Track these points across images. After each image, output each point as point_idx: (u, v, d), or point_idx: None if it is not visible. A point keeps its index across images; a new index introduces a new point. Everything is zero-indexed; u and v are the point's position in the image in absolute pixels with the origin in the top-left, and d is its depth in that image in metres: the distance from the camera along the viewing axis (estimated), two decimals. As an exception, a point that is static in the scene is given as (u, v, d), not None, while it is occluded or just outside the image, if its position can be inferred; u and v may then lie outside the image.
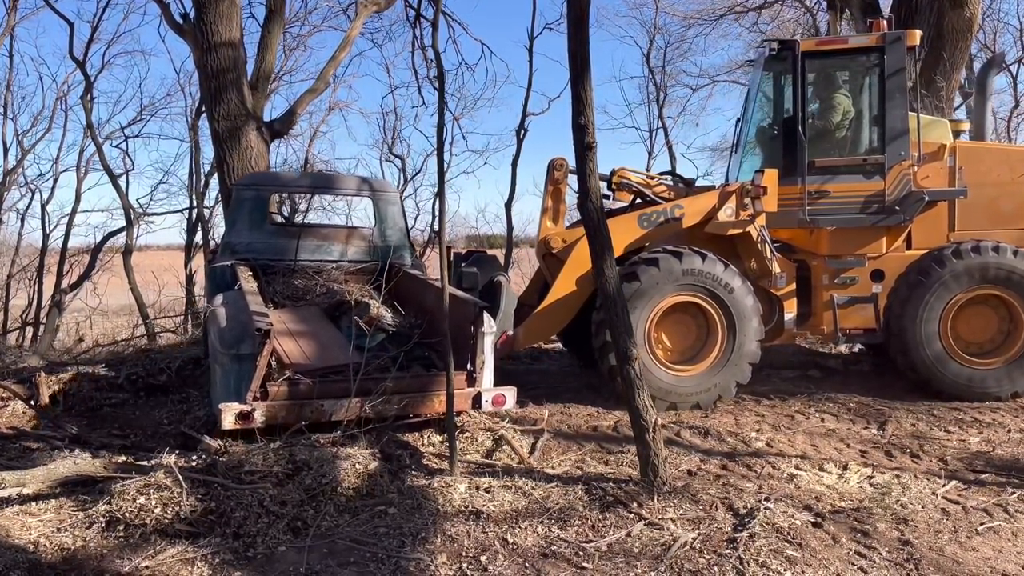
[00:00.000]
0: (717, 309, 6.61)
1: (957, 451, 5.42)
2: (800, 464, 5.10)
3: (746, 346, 6.60)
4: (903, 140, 6.96)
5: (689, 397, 6.57)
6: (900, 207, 6.94)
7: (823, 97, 7.40)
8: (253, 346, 4.74)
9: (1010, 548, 3.88)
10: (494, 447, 5.33)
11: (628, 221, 7.00)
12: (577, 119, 4.30)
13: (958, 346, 6.76)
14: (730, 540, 3.86)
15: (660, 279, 6.51)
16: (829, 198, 7.08)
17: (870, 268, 7.13)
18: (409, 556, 3.64)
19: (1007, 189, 7.11)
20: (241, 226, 6.92)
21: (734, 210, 6.91)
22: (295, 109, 11.27)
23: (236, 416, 4.49)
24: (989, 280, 6.67)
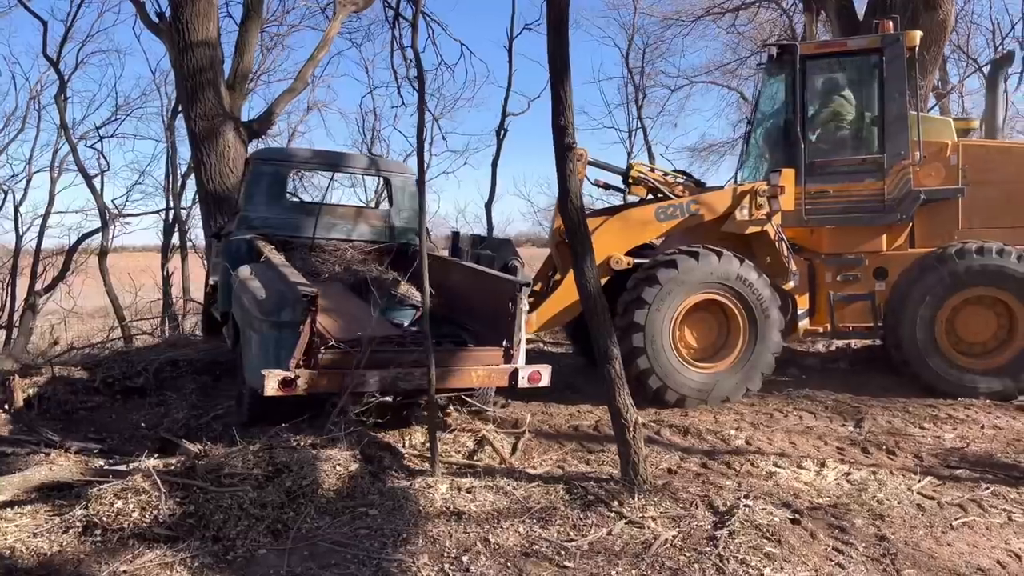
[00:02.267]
0: (738, 305, 6.73)
1: (932, 447, 5.50)
2: (779, 461, 5.15)
3: (769, 338, 6.75)
4: (902, 140, 7.05)
5: (717, 392, 6.69)
6: (898, 206, 7.06)
7: (824, 99, 7.51)
8: (293, 313, 4.74)
9: (984, 542, 3.94)
10: (476, 448, 5.35)
11: (646, 213, 7.11)
12: (557, 120, 4.32)
13: (955, 345, 6.86)
14: (710, 538, 3.89)
15: (681, 280, 6.59)
16: (829, 198, 7.20)
17: (872, 266, 7.24)
18: (391, 557, 3.63)
19: (1012, 187, 7.15)
20: (259, 201, 6.91)
21: (749, 209, 7.00)
22: (273, 109, 11.24)
23: (279, 383, 4.45)
24: (988, 281, 6.73)
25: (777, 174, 6.98)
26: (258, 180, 7.01)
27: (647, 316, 6.52)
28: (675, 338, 6.67)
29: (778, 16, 18.73)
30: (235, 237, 6.72)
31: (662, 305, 6.54)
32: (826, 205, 7.20)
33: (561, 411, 6.54)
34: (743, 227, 7.03)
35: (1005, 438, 5.72)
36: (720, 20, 18.57)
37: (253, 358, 5.05)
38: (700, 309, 6.81)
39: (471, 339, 5.59)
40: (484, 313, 5.56)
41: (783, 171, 7.00)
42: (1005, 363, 6.79)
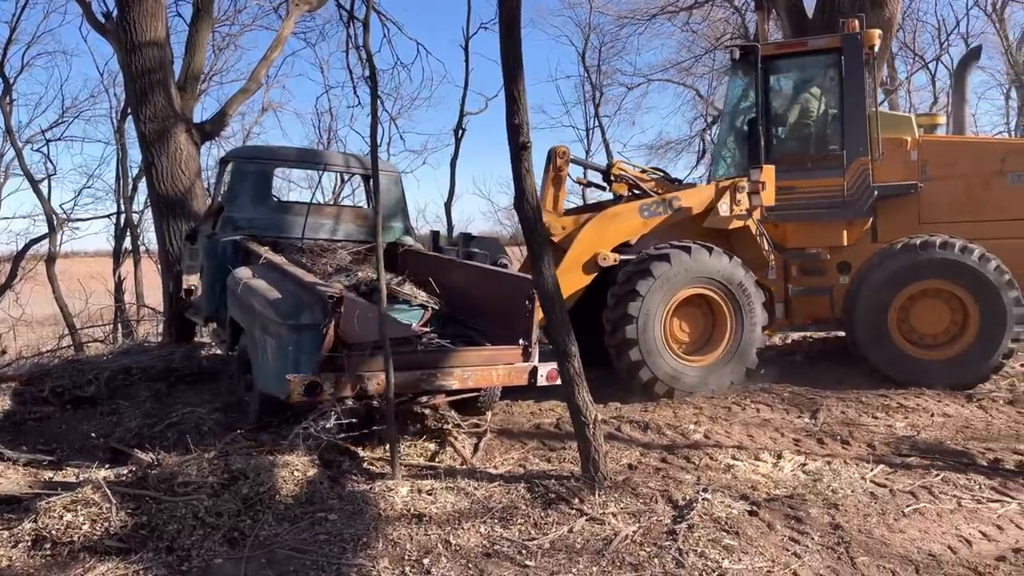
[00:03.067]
0: (725, 299, 6.88)
1: (884, 436, 5.62)
2: (737, 454, 5.21)
3: (753, 332, 6.92)
4: (862, 136, 7.21)
5: (704, 384, 6.83)
6: (856, 202, 7.22)
7: (785, 97, 7.72)
8: (313, 316, 4.67)
9: (935, 528, 4.04)
10: (437, 449, 5.32)
11: (630, 210, 7.22)
12: (511, 119, 4.31)
13: (909, 336, 7.00)
14: (670, 532, 3.92)
15: (674, 274, 6.69)
16: (794, 193, 7.35)
17: (835, 260, 7.42)
18: (351, 562, 3.59)
19: (972, 181, 7.31)
20: (243, 200, 6.73)
21: (730, 205, 7.16)
22: (226, 110, 11.06)
23: (305, 388, 4.34)
24: (942, 275, 6.84)
25: (758, 170, 7.13)
26: (242, 179, 6.84)
27: (640, 308, 6.62)
28: (666, 331, 6.80)
29: (731, 14, 19.03)
30: (223, 238, 6.57)
31: (655, 298, 6.66)
32: (789, 201, 7.34)
33: (523, 409, 6.54)
34: (725, 222, 7.19)
35: (954, 425, 5.87)
36: (674, 18, 18.80)
37: (268, 363, 4.91)
38: (688, 303, 6.94)
39: (480, 339, 5.58)
40: (494, 312, 5.55)
41: (763, 167, 7.15)
42: (954, 356, 6.92)
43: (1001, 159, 7.28)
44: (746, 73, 7.76)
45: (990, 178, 7.29)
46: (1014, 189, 7.23)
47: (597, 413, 4.55)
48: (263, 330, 5.02)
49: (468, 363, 4.94)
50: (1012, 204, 7.24)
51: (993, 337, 6.75)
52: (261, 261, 5.92)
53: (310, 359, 4.55)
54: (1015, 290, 6.70)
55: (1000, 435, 5.63)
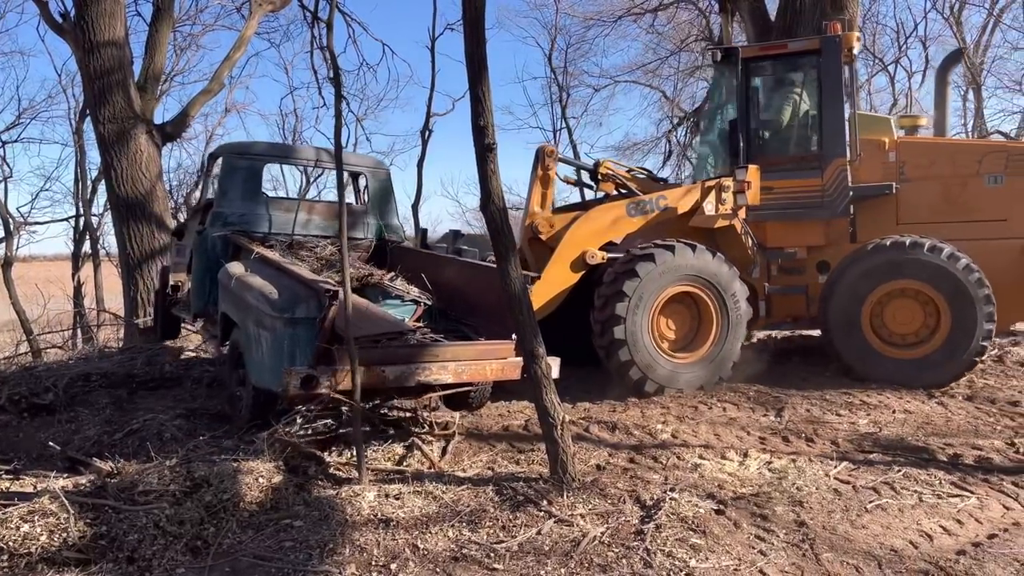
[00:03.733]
0: (711, 297, 6.97)
1: (848, 433, 5.70)
2: (704, 453, 5.25)
3: (739, 329, 7.04)
4: (839, 137, 7.30)
5: (693, 381, 6.94)
6: (833, 202, 7.32)
7: (766, 99, 7.82)
8: (309, 309, 4.72)
9: (897, 524, 4.10)
10: (405, 453, 5.27)
11: (617, 209, 7.30)
12: (476, 120, 4.29)
13: (882, 335, 7.06)
14: (637, 532, 3.93)
15: (659, 273, 6.78)
16: (772, 193, 7.43)
17: (814, 260, 7.53)
18: (316, 569, 3.55)
19: (950, 182, 7.37)
20: (233, 196, 6.67)
21: (715, 204, 7.26)
22: (188, 111, 10.90)
23: (302, 381, 4.35)
24: (913, 275, 6.87)
25: (743, 169, 7.21)
26: (232, 175, 6.75)
27: (627, 308, 6.68)
28: (653, 330, 6.87)
29: (695, 17, 19.18)
30: (212, 234, 6.54)
31: (641, 298, 6.73)
32: (768, 200, 7.43)
33: (492, 412, 6.52)
34: (711, 221, 7.28)
35: (915, 422, 5.97)
36: (640, 20, 18.91)
37: (263, 357, 4.92)
38: (675, 301, 7.02)
39: (473, 334, 5.62)
40: (487, 308, 5.56)
41: (749, 167, 7.23)
42: (925, 355, 6.94)
43: (978, 160, 7.34)
44: (727, 74, 7.85)
45: (967, 179, 7.34)
46: (991, 190, 7.29)
47: (565, 415, 4.55)
48: (258, 324, 5.00)
49: (462, 357, 4.97)
50: (988, 205, 7.29)
51: (964, 336, 6.77)
52: (253, 256, 5.91)
53: (305, 353, 4.56)
54: (985, 288, 6.73)
55: (959, 431, 5.74)
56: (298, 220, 6.89)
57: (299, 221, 6.89)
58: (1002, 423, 5.91)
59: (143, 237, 9.46)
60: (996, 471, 4.84)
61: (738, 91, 7.58)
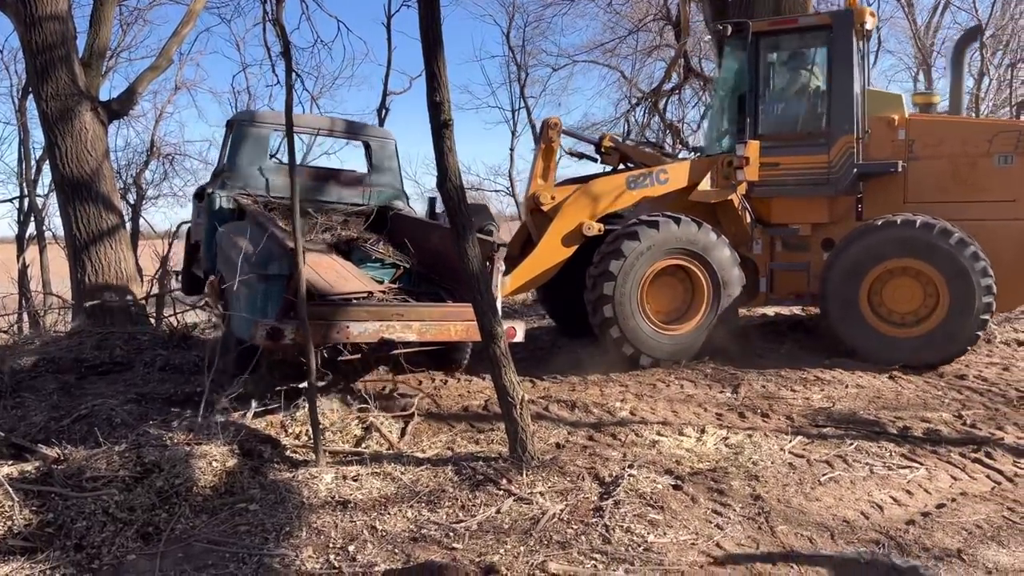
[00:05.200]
0: (700, 269, 7.03)
1: (802, 408, 5.79)
2: (661, 430, 5.29)
3: (730, 300, 7.08)
4: (847, 114, 7.20)
5: (687, 352, 7.07)
6: (840, 179, 7.25)
7: (774, 74, 7.71)
8: (280, 267, 5.10)
9: (849, 496, 4.18)
10: (363, 435, 5.22)
11: (617, 182, 7.36)
12: (432, 97, 4.22)
13: (881, 314, 6.99)
14: (596, 508, 3.95)
15: (644, 249, 6.87)
16: (779, 169, 7.39)
17: (819, 237, 7.49)
18: (273, 552, 3.49)
19: (959, 161, 7.21)
20: (241, 162, 6.98)
21: (716, 180, 7.28)
22: (135, 88, 10.57)
23: (267, 332, 4.68)
24: (910, 254, 6.79)
25: (743, 146, 7.20)
26: (240, 141, 7.06)
27: (615, 288, 6.81)
28: (643, 305, 6.97)
29: (654, -5, 19.14)
30: (218, 196, 6.83)
31: (628, 276, 6.86)
32: (774, 177, 7.39)
33: (451, 392, 6.49)
34: (709, 196, 7.33)
35: (867, 396, 6.10)
36: (598, -1, 18.83)
37: (240, 310, 5.32)
38: (666, 274, 7.10)
39: (448, 297, 5.93)
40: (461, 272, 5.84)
41: (748, 143, 7.22)
42: (922, 334, 6.85)
43: (988, 140, 7.21)
44: (737, 50, 7.76)
45: (977, 159, 7.18)
46: (1000, 171, 7.15)
47: (524, 394, 4.54)
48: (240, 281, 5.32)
49: (427, 318, 5.23)
50: (997, 186, 7.13)
51: (963, 314, 6.69)
52: (246, 217, 6.23)
53: (276, 307, 4.92)
54: (981, 262, 6.65)
55: (909, 404, 5.88)
56: (303, 186, 7.07)
57: (304, 187, 7.07)
58: (950, 396, 6.06)
59: (90, 218, 9.16)
60: (944, 443, 4.97)
61: (747, 66, 7.49)
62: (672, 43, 16.82)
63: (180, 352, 7.66)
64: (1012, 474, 4.45)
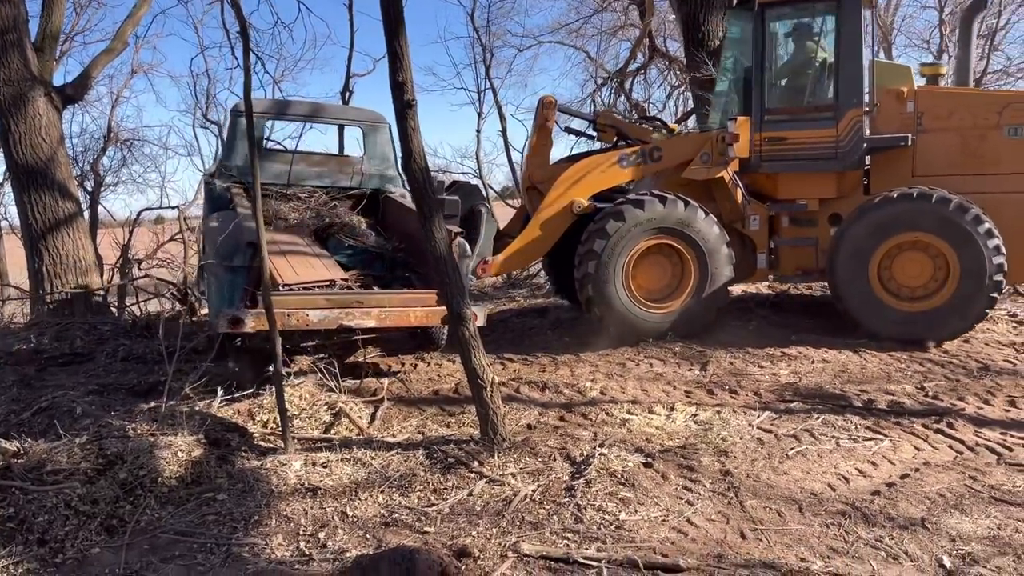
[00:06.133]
0: (687, 247, 7.04)
1: (769, 384, 5.85)
2: (632, 409, 5.32)
3: (718, 278, 7.09)
4: (856, 87, 7.06)
5: (675, 330, 7.08)
6: (848, 153, 7.10)
7: (782, 46, 7.56)
8: (244, 258, 5.24)
9: (816, 469, 4.24)
10: (332, 421, 5.17)
11: (608, 159, 7.34)
12: (395, 77, 4.15)
13: (891, 289, 6.89)
14: (568, 488, 3.96)
15: (629, 228, 6.90)
16: (786, 144, 7.25)
17: (827, 212, 7.37)
18: (242, 541, 3.45)
19: (968, 134, 7.08)
20: (237, 151, 7.09)
21: (710, 156, 7.22)
22: (89, 72, 10.29)
23: (228, 321, 4.86)
24: (921, 227, 6.70)
25: (733, 122, 7.15)
26: (236, 131, 7.18)
27: (599, 266, 6.91)
28: (629, 283, 7.02)
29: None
30: (214, 184, 6.98)
31: (613, 255, 6.91)
32: (781, 152, 7.27)
33: (422, 376, 6.46)
34: (700, 174, 7.29)
35: (832, 371, 6.18)
36: (562, -22, 18.70)
37: (212, 299, 5.52)
38: (655, 253, 7.12)
39: (420, 282, 6.00)
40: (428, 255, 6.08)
41: (738, 119, 7.16)
42: (932, 309, 6.78)
43: (998, 111, 7.10)
44: (743, 21, 7.65)
45: (987, 131, 7.05)
46: (1010, 142, 7.02)
47: (494, 376, 4.53)
48: (209, 269, 5.57)
49: (386, 304, 5.35)
50: (1008, 157, 7.01)
51: (973, 288, 6.62)
52: (231, 206, 6.30)
53: (240, 297, 5.10)
54: (994, 238, 6.62)
55: (873, 377, 5.97)
56: (296, 172, 7.23)
57: (297, 172, 7.23)
58: (912, 368, 6.17)
59: (46, 206, 8.92)
60: (907, 414, 5.06)
61: (753, 38, 7.32)
62: (637, 23, 16.78)
63: (143, 342, 7.52)
64: (973, 443, 4.55)
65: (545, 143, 7.95)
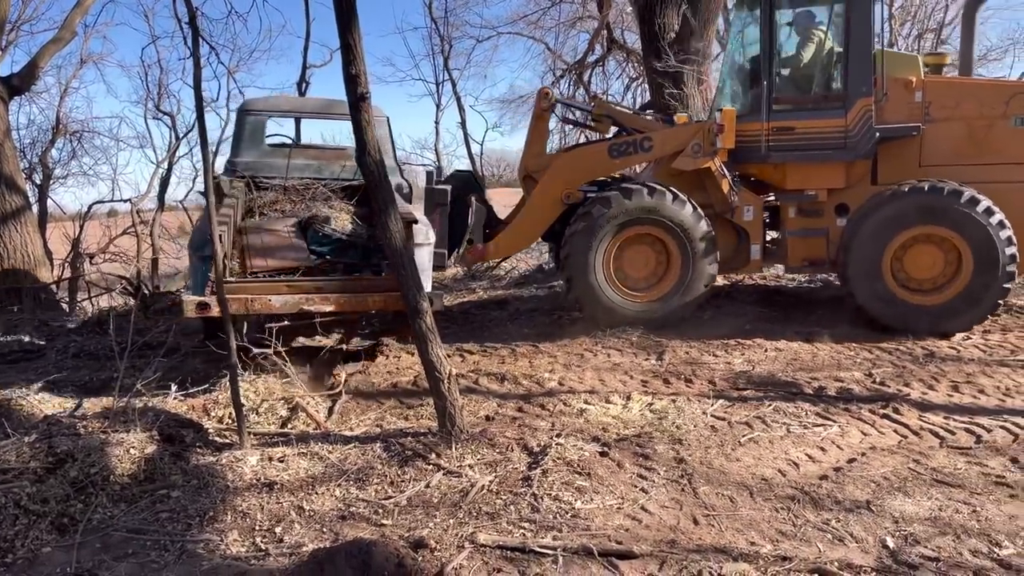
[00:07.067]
0: (671, 237, 7.14)
1: (724, 372, 5.96)
2: (589, 399, 5.38)
3: (701, 269, 7.19)
4: (865, 76, 7.00)
5: (658, 318, 7.20)
6: (858, 143, 7.05)
7: (791, 35, 7.51)
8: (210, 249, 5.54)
9: (767, 455, 4.34)
10: (289, 415, 5.14)
11: (599, 150, 7.46)
12: (348, 69, 4.13)
13: (903, 281, 6.93)
14: (525, 478, 4.00)
15: (613, 216, 7.05)
16: (794, 134, 7.20)
17: (833, 202, 7.33)
18: (196, 538, 3.42)
19: (976, 124, 7.11)
20: (242, 147, 7.52)
21: (701, 146, 7.26)
22: (36, 62, 10.05)
23: (195, 306, 5.12)
24: (940, 220, 6.73)
25: (720, 112, 7.19)
26: (240, 128, 7.61)
27: (579, 254, 7.07)
28: (609, 272, 7.17)
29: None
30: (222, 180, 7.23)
31: (597, 242, 7.06)
32: (789, 141, 7.21)
33: (380, 369, 6.45)
34: (686, 164, 7.35)
35: (785, 359, 6.31)
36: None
37: (191, 286, 5.90)
38: (640, 243, 7.22)
39: (387, 269, 6.15)
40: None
41: (724, 110, 7.20)
42: (944, 302, 6.85)
43: (1006, 101, 7.09)
44: (751, 8, 7.60)
45: (994, 120, 7.08)
46: (1017, 132, 7.06)
47: (452, 368, 4.54)
48: (189, 259, 5.97)
49: (346, 290, 5.61)
50: (1014, 148, 7.06)
51: (986, 281, 6.70)
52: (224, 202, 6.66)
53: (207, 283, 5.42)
54: (1006, 230, 6.65)
55: (824, 365, 6.12)
56: (296, 165, 7.43)
57: (297, 166, 7.44)
58: (861, 356, 6.33)
59: None
60: (856, 400, 5.20)
61: (761, 26, 7.25)
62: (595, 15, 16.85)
63: (95, 338, 7.38)
64: (917, 428, 4.70)
65: (542, 133, 8.02)
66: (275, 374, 5.55)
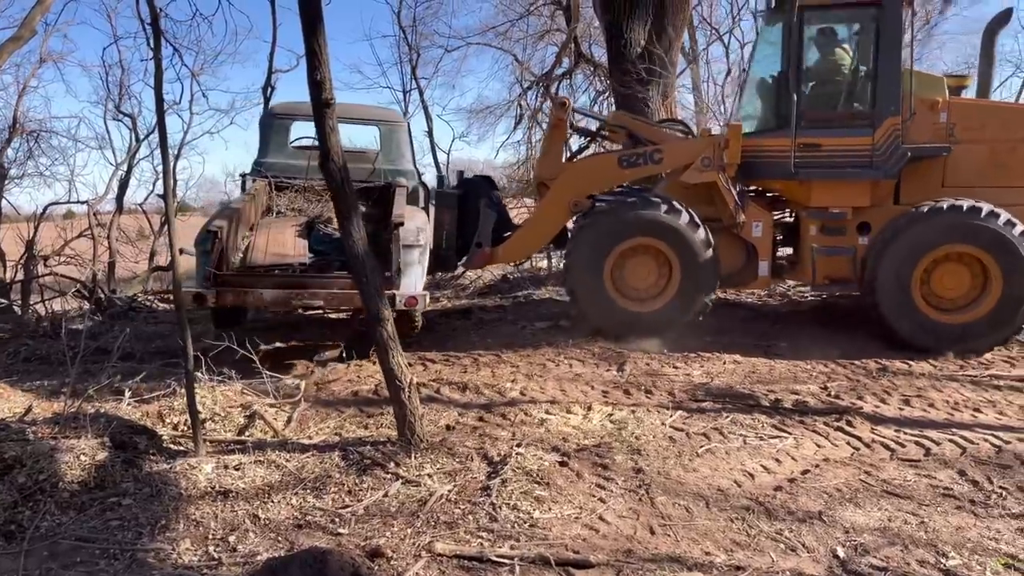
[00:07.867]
0: (672, 250, 7.18)
1: (683, 384, 6.02)
2: (550, 409, 5.39)
3: (702, 282, 7.23)
4: (894, 95, 6.96)
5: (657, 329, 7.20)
6: (885, 162, 7.01)
7: (819, 50, 7.46)
8: (207, 244, 6.03)
9: (724, 466, 4.40)
10: (247, 423, 5.07)
11: (609, 160, 7.53)
12: (313, 75, 4.11)
13: (930, 301, 6.94)
14: (484, 488, 3.99)
15: (615, 226, 7.18)
16: (820, 151, 7.12)
17: (857, 220, 7.27)
18: (147, 547, 3.36)
19: (999, 146, 7.12)
20: (268, 150, 8.03)
21: (711, 160, 7.26)
22: (-7, 59, 9.79)
23: (193, 297, 5.58)
24: (974, 240, 6.75)
25: (727, 128, 7.25)
26: (266, 132, 8.15)
27: (579, 264, 7.19)
28: (609, 282, 7.22)
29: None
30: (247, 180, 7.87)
31: (593, 253, 7.18)
32: (816, 158, 7.14)
33: (341, 377, 6.39)
34: (692, 177, 7.37)
35: (743, 371, 6.40)
36: (490, -20, 18.74)
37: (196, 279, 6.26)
38: (641, 253, 7.27)
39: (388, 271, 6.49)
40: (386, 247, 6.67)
41: (730, 125, 7.28)
42: (970, 321, 6.87)
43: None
44: (778, 24, 7.54)
45: (1017, 144, 7.12)
46: None
47: (412, 377, 4.53)
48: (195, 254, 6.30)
49: (334, 287, 6.00)
50: None
51: (1014, 301, 6.73)
52: None
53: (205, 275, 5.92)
54: None
55: (781, 378, 6.22)
56: (313, 167, 7.48)
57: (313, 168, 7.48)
58: (817, 369, 6.45)
59: None
60: (811, 413, 5.29)
61: (789, 42, 7.19)
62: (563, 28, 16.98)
63: (48, 342, 7.21)
64: (870, 440, 4.80)
65: (557, 142, 8.05)
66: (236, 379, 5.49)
